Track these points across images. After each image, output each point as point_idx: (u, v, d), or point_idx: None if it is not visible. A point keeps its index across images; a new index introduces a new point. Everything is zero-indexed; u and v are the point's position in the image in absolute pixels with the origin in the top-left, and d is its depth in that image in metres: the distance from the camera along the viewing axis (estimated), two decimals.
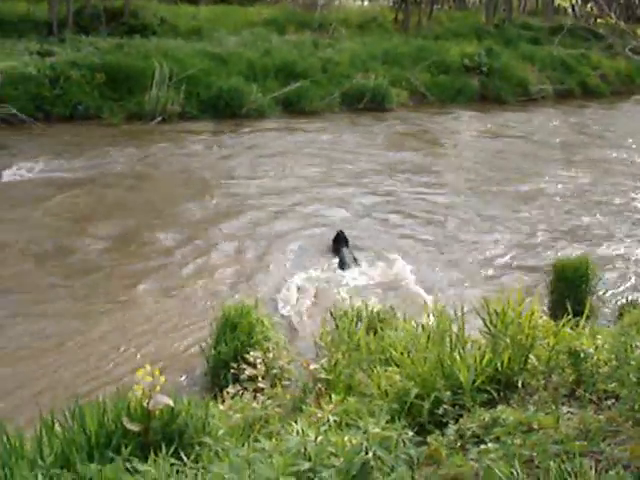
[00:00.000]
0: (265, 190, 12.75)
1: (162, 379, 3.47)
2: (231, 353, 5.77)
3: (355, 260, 9.40)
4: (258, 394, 4.44)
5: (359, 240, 10.32)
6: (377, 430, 2.98)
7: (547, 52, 28.20)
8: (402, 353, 4.37)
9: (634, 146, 18.42)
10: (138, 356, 6.77)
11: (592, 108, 25.02)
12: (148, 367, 3.53)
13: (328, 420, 3.49)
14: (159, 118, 17.53)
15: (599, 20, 5.53)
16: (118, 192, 12.38)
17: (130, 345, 7.03)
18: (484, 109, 23.09)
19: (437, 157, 16.56)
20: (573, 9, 7.95)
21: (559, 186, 13.99)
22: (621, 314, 7.55)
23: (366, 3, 40.18)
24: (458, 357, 4.11)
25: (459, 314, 4.59)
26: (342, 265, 9.23)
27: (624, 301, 8.18)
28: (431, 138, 18.69)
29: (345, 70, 22.42)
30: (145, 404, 3.35)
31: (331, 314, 6.47)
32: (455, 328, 4.53)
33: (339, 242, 9.88)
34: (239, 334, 5.86)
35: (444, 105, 22.84)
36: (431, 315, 4.88)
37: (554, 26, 32.20)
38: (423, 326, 4.78)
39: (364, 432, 2.98)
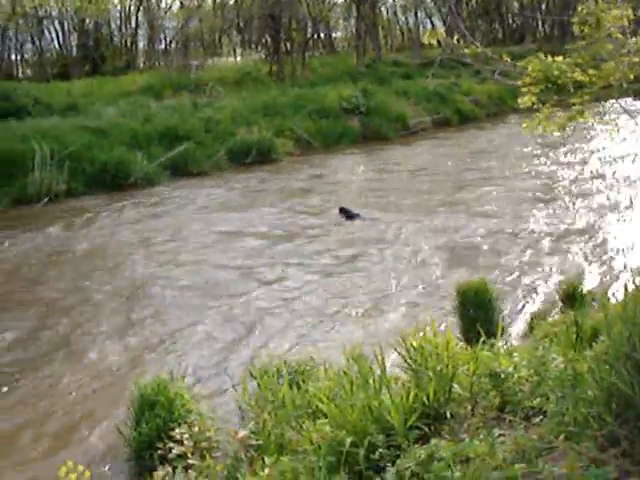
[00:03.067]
0: (162, 262, 12.50)
1: (87, 474, 3.29)
2: (153, 432, 5.56)
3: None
4: (190, 471, 4.28)
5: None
6: None
7: (420, 85, 29.27)
8: (328, 403, 4.31)
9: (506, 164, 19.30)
10: (54, 446, 6.44)
11: (468, 133, 26.10)
12: (70, 463, 3.34)
13: None
14: (46, 199, 17.03)
15: (466, 50, 5.74)
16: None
17: (43, 435, 6.68)
18: (367, 148, 23.66)
19: (323, 201, 16.58)
20: (439, 42, 8.33)
21: (443, 216, 14.41)
22: (532, 328, 7.76)
23: (239, 59, 40.77)
24: (384, 398, 4.09)
25: (378, 354, 4.58)
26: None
27: (532, 315, 8.42)
28: (316, 183, 18.86)
29: (228, 127, 22.54)
30: None
31: (251, 374, 6.36)
32: (377, 369, 4.52)
33: (345, 211, 14.46)
34: (159, 411, 5.66)
35: (329, 149, 23.26)
36: (351, 359, 4.86)
37: (423, 61, 33.54)
38: (345, 372, 4.75)
39: None
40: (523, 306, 9.09)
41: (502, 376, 4.12)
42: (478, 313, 7.70)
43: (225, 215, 15.59)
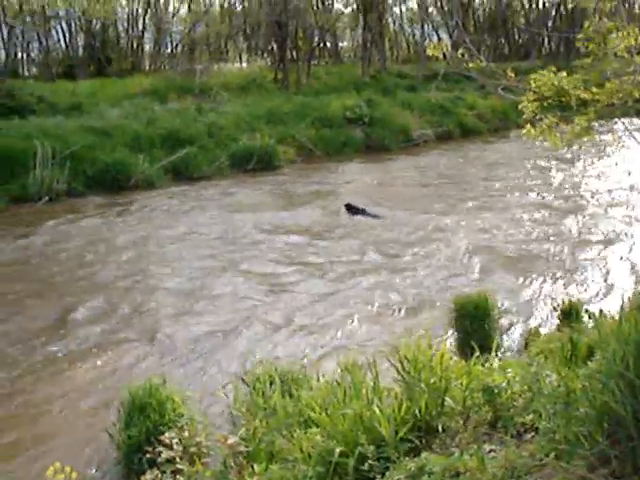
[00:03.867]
0: (161, 262, 12.50)
1: (74, 475, 3.27)
2: (143, 436, 5.52)
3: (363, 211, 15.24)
4: (178, 476, 4.25)
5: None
6: None
7: (424, 98, 29.34)
8: (320, 412, 4.29)
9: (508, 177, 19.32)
10: (42, 449, 6.39)
11: (471, 146, 26.13)
12: (58, 464, 3.32)
13: None
14: (46, 198, 17.03)
15: (471, 64, 5.75)
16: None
17: (30, 436, 6.65)
18: (369, 158, 23.69)
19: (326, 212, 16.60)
20: (444, 55, 8.32)
21: (448, 222, 14.43)
22: (526, 344, 7.74)
23: (245, 65, 40.86)
24: (376, 409, 4.07)
25: (372, 365, 4.57)
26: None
27: (528, 331, 8.39)
28: (319, 190, 18.89)
29: (231, 133, 22.58)
30: None
31: (243, 380, 6.33)
32: (370, 380, 4.51)
33: (351, 208, 15.47)
34: (149, 414, 5.63)
35: (331, 158, 23.29)
36: (344, 369, 4.85)
37: (428, 74, 33.61)
38: (338, 382, 4.73)
39: None
40: (519, 321, 9.06)
41: (495, 391, 4.10)
42: (474, 327, 7.70)
43: (223, 218, 15.58)
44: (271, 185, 19.47)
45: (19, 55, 35.67)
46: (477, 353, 4.74)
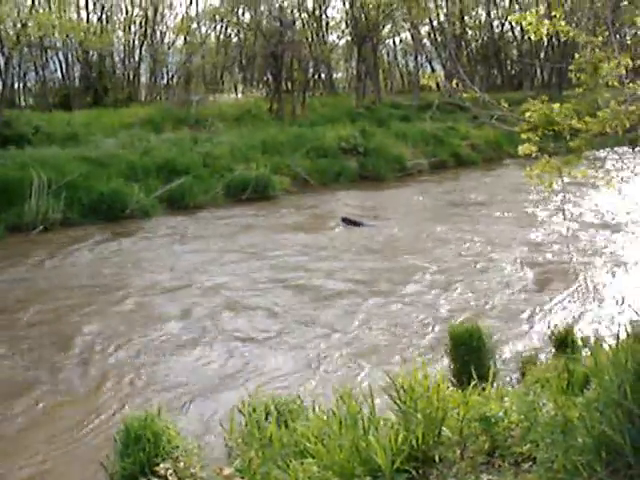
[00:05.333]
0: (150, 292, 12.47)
1: None
2: (138, 467, 5.46)
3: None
4: None
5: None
6: None
7: (418, 128, 29.55)
8: (316, 443, 4.26)
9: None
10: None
11: (464, 176, 26.30)
12: None
13: None
14: (40, 227, 17.03)
15: (464, 95, 5.81)
16: None
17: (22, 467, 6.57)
18: (364, 188, 23.77)
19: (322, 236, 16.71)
20: (438, 86, 8.40)
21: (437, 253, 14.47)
22: (523, 373, 7.72)
23: (240, 96, 41.12)
24: (372, 439, 4.05)
25: (367, 395, 4.55)
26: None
27: (524, 359, 8.37)
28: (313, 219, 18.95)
29: (226, 163, 22.66)
30: None
31: (239, 410, 6.29)
32: (366, 409, 4.48)
33: (347, 220, 17.46)
34: (144, 446, 5.57)
35: (326, 188, 23.37)
36: (340, 399, 4.82)
37: (422, 104, 33.88)
38: (334, 412, 4.70)
39: None
40: (515, 350, 9.05)
41: (492, 421, 4.09)
42: (471, 356, 7.66)
43: (216, 246, 15.58)
44: (266, 212, 19.53)
45: (16, 85, 35.81)
46: (473, 382, 4.73)
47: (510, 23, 46.54)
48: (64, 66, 36.36)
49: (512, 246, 15.04)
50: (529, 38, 44.96)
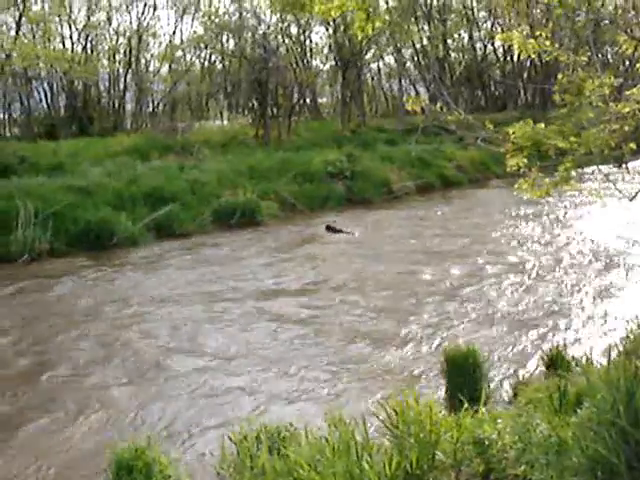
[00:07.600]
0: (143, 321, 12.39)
1: None
2: None
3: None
4: None
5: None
6: None
7: (404, 151, 29.70)
8: (309, 470, 4.22)
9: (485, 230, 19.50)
10: None
11: (451, 198, 26.43)
12: None
13: None
14: (25, 256, 16.91)
15: (449, 117, 5.85)
16: None
17: None
18: (351, 211, 23.80)
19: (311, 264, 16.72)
20: (423, 109, 8.47)
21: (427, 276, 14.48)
22: (515, 394, 7.69)
23: (226, 122, 41.24)
24: (366, 465, 4.01)
25: (360, 420, 4.51)
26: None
27: (516, 380, 8.35)
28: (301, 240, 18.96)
29: (213, 189, 22.65)
30: None
31: (230, 439, 6.23)
32: (359, 435, 4.44)
33: (331, 228, 19.87)
34: (136, 476, 5.50)
35: (314, 212, 23.38)
36: (332, 425, 4.78)
37: (407, 127, 34.11)
38: (327, 439, 4.66)
39: None
40: (507, 371, 9.03)
41: (486, 443, 4.06)
42: (465, 378, 7.64)
43: (205, 272, 15.54)
44: (253, 238, 19.54)
45: (0, 116, 35.81)
46: (466, 405, 4.70)
47: (493, 45, 47.12)
48: (49, 96, 36.42)
49: (497, 264, 15.09)
50: (512, 59, 45.68)
